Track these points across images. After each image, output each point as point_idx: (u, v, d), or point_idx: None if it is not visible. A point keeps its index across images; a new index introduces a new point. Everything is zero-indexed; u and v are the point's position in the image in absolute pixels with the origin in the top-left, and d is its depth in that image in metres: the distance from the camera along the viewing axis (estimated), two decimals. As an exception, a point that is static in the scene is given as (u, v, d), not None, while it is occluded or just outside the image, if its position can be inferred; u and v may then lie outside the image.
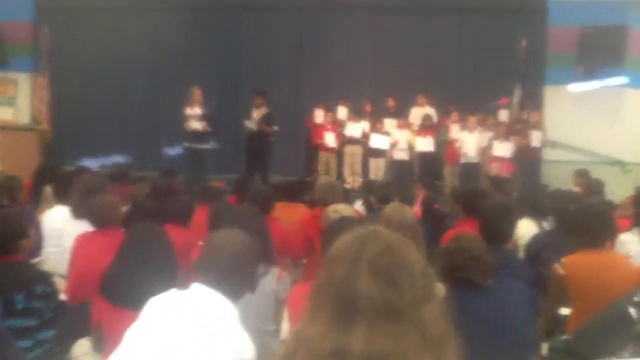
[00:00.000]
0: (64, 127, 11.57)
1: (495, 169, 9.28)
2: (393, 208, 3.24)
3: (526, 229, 4.48)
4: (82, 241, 3.45)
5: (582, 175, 7.93)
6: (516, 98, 10.39)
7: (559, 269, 3.12)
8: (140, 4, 11.70)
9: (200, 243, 3.86)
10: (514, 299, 2.46)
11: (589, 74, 10.09)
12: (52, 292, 2.73)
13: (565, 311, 3.27)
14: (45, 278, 2.75)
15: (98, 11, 11.68)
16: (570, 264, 3.09)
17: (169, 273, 2.43)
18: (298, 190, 5.74)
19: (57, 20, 11.49)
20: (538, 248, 4.06)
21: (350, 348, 1.14)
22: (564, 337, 2.67)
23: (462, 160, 9.55)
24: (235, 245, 2.03)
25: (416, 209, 5.40)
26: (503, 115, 10.42)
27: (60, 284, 3.72)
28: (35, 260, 4.10)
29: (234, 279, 1.97)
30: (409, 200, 5.21)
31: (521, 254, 4.31)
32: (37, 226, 4.50)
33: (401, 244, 1.27)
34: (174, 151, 11.35)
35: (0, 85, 11.83)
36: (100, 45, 11.68)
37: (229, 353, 1.78)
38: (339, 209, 3.74)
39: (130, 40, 11.72)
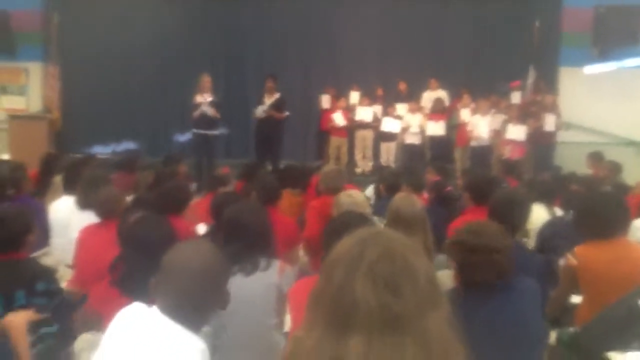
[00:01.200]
0: (75, 115, 11.61)
1: (508, 152, 9.16)
2: (401, 199, 3.14)
3: (537, 214, 4.40)
4: (86, 234, 3.43)
5: (596, 158, 7.81)
6: (530, 80, 10.22)
7: (571, 259, 3.03)
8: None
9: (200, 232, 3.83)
10: (524, 297, 2.31)
11: (604, 56, 9.90)
12: (55, 289, 2.70)
13: (575, 299, 3.20)
14: (48, 275, 2.72)
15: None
16: (582, 254, 2.99)
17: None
18: (301, 177, 5.65)
19: (67, 8, 11.46)
20: (550, 235, 3.99)
21: (347, 359, 1.09)
22: (572, 329, 2.60)
23: (473, 144, 9.44)
24: (196, 264, 1.78)
25: (425, 195, 5.35)
26: (515, 97, 10.26)
27: (67, 274, 3.73)
28: (42, 251, 4.11)
29: (198, 301, 1.75)
30: (418, 187, 5.15)
31: (531, 240, 4.26)
32: (44, 216, 4.52)
33: (404, 248, 1.18)
34: (183, 137, 11.34)
35: (11, 74, 11.87)
36: (110, 32, 11.62)
37: None
38: (352, 194, 3.69)
39: (138, 26, 11.66)
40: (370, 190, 6.67)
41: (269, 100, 8.85)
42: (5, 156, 9.46)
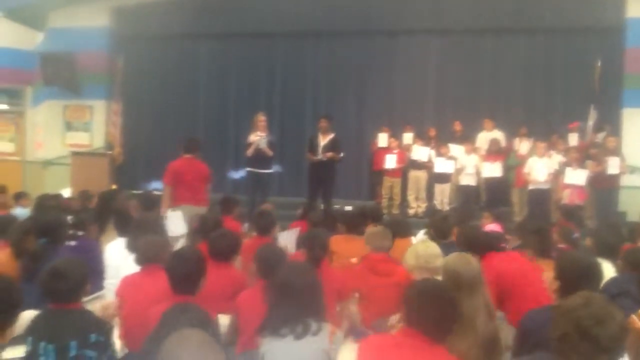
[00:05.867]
0: (135, 151, 12.02)
1: (567, 196, 8.82)
2: (457, 261, 2.99)
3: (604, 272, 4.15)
4: (128, 285, 3.42)
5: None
6: (591, 121, 9.86)
7: (635, 320, 2.85)
8: (207, 32, 12.00)
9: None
10: None
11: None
12: (107, 342, 2.73)
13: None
14: (101, 326, 2.75)
15: (168, 40, 12.07)
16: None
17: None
18: (360, 221, 5.58)
19: (130, 50, 11.98)
20: (614, 294, 3.75)
21: None
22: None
23: (531, 186, 9.15)
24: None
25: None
26: (573, 139, 9.90)
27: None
28: (96, 294, 4.16)
29: None
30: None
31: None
32: (100, 258, 4.61)
33: None
34: (237, 175, 11.52)
35: (77, 112, 12.43)
36: (170, 72, 12.11)
37: None
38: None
39: (197, 67, 12.17)
40: (420, 235, 6.49)
41: (323, 140, 8.85)
42: (67, 191, 9.80)
